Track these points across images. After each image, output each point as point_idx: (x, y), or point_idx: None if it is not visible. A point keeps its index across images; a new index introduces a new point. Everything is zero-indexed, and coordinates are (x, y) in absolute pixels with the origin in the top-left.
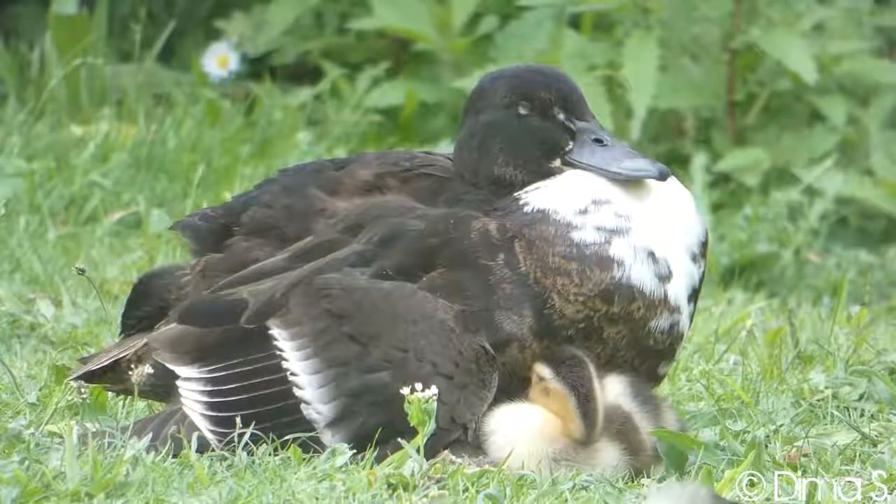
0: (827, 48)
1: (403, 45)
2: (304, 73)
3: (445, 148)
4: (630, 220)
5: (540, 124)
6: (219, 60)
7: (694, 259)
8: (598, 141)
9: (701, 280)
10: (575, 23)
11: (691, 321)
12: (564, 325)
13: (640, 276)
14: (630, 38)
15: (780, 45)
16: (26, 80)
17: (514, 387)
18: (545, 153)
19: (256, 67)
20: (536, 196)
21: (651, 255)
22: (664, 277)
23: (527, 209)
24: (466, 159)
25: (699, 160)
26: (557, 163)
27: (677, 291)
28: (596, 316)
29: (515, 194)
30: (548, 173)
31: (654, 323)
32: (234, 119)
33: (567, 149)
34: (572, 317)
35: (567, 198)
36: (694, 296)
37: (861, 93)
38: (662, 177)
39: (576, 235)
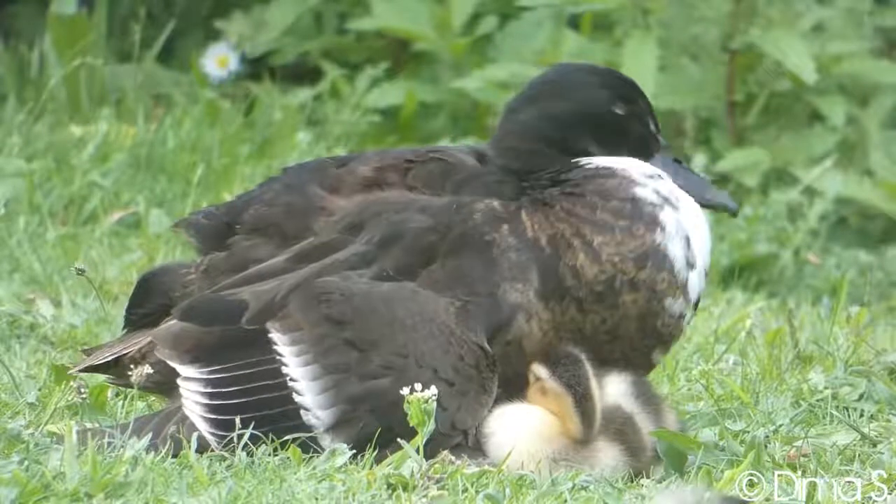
0: (827, 48)
1: (403, 45)
2: (304, 73)
3: None
4: (680, 201)
5: (637, 128)
6: (218, 61)
7: (705, 273)
8: (678, 161)
9: (699, 296)
10: (574, 23)
11: (689, 325)
12: (576, 286)
13: (675, 251)
14: (629, 38)
15: (779, 46)
16: (26, 80)
17: (519, 365)
18: (632, 155)
19: (256, 68)
20: (601, 160)
21: (686, 239)
22: (690, 265)
23: (590, 165)
24: (534, 132)
25: (699, 160)
26: None
27: (693, 285)
28: (620, 278)
29: (577, 159)
30: None
31: (669, 301)
32: (234, 119)
33: (654, 156)
34: (593, 277)
35: (634, 163)
36: (696, 304)
37: (861, 93)
38: (736, 213)
39: (638, 191)
